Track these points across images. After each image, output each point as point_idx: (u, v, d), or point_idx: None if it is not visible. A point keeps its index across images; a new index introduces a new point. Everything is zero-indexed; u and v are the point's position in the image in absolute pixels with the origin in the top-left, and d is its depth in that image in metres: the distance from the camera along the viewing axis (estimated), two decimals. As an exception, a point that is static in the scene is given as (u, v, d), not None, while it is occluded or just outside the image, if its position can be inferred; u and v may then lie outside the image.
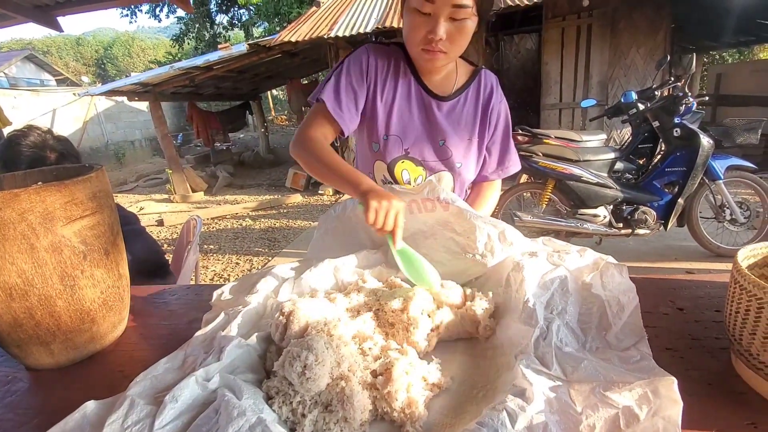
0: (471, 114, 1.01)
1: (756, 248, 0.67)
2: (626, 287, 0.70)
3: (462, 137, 1.01)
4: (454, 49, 0.86)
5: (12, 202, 0.64)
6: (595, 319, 0.66)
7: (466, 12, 0.80)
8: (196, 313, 0.88)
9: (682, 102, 2.77)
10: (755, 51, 10.69)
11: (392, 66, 0.97)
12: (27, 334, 0.71)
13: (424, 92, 0.98)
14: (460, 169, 1.02)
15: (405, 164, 1.01)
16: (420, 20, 0.82)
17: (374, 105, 0.97)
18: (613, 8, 5.21)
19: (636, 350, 0.59)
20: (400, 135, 0.98)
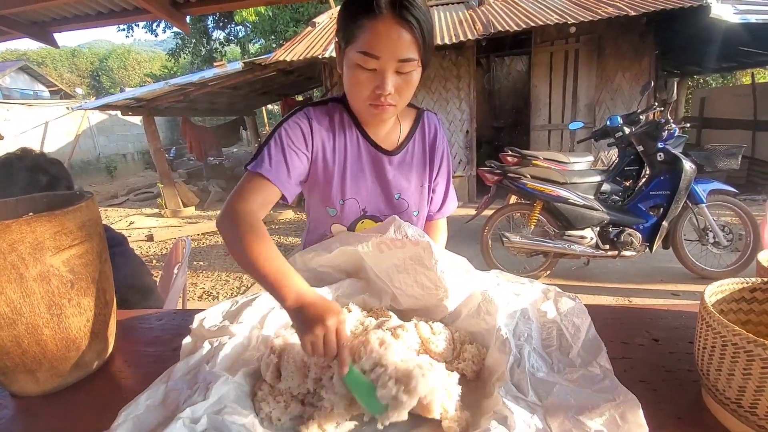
0: (420, 161, 1.00)
1: (723, 284, 0.70)
2: (579, 310, 0.75)
3: (416, 186, 1.00)
4: (402, 100, 0.83)
5: (3, 233, 0.65)
6: (556, 342, 0.71)
7: (412, 65, 0.78)
8: (181, 340, 0.88)
9: (665, 128, 2.87)
10: (737, 76, 11.06)
11: (336, 125, 0.92)
12: (13, 362, 0.71)
13: (372, 148, 0.95)
14: (418, 216, 1.03)
15: (365, 224, 1.00)
16: (365, 76, 0.78)
17: (325, 170, 0.92)
18: (599, 35, 5.40)
19: (597, 365, 0.64)
20: (356, 197, 0.96)
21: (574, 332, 0.71)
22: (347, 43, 0.79)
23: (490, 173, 3.15)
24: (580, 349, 0.68)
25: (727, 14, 4.20)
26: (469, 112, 6.09)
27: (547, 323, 0.75)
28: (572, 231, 3.03)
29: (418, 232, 0.85)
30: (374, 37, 0.74)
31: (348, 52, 0.79)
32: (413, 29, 0.74)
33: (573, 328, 0.72)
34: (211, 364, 0.68)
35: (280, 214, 6.23)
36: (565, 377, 0.63)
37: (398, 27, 0.74)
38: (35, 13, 2.47)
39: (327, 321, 0.61)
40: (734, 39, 5.02)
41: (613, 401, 0.55)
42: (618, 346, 0.79)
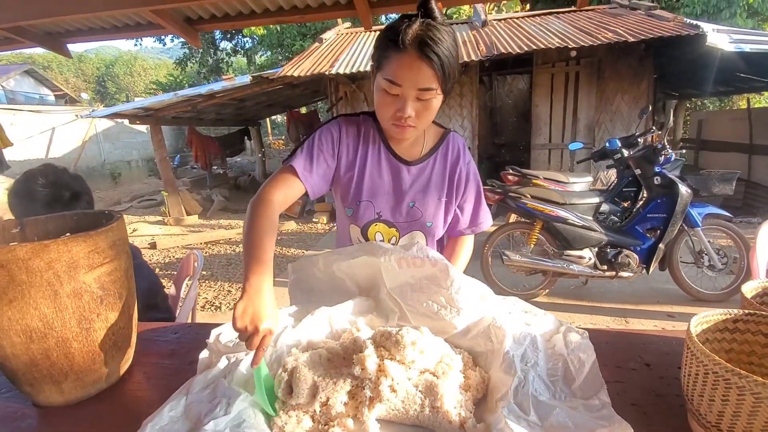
0: (440, 175, 1.07)
1: (708, 315, 0.75)
2: (585, 346, 0.79)
3: (432, 198, 1.06)
4: (421, 123, 0.92)
5: (42, 253, 0.70)
6: (561, 373, 0.76)
7: (431, 93, 0.87)
8: (197, 354, 0.93)
9: (662, 153, 2.94)
10: (734, 100, 11.23)
11: (362, 135, 1.04)
12: (41, 374, 0.75)
13: (393, 158, 1.04)
14: (431, 228, 1.08)
15: (378, 227, 1.07)
16: (389, 99, 0.89)
17: (346, 173, 1.04)
18: (599, 58, 5.53)
19: (597, 399, 0.69)
20: (371, 200, 1.04)
21: (579, 366, 0.75)
22: (378, 69, 0.90)
23: (491, 192, 3.22)
24: (582, 383, 0.73)
25: (722, 43, 4.32)
26: (471, 129, 6.20)
27: (554, 355, 0.79)
28: (571, 251, 3.08)
29: (438, 255, 0.90)
30: (398, 68, 0.84)
31: (378, 76, 0.90)
32: (433, 64, 0.83)
33: (578, 363, 0.76)
34: (228, 378, 0.73)
35: (282, 225, 6.28)
36: (565, 404, 0.68)
37: (419, 61, 0.83)
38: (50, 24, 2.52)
39: (250, 325, 0.70)
40: (730, 65, 5.15)
41: (608, 427, 0.60)
42: (612, 370, 0.83)
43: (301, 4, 2.36)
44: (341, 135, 1.03)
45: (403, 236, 1.09)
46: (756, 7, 9.14)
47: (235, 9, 2.43)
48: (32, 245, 0.69)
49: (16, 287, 0.69)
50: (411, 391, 0.70)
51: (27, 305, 0.70)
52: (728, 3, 8.91)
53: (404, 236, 1.09)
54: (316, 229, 6.24)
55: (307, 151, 0.99)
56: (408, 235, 1.08)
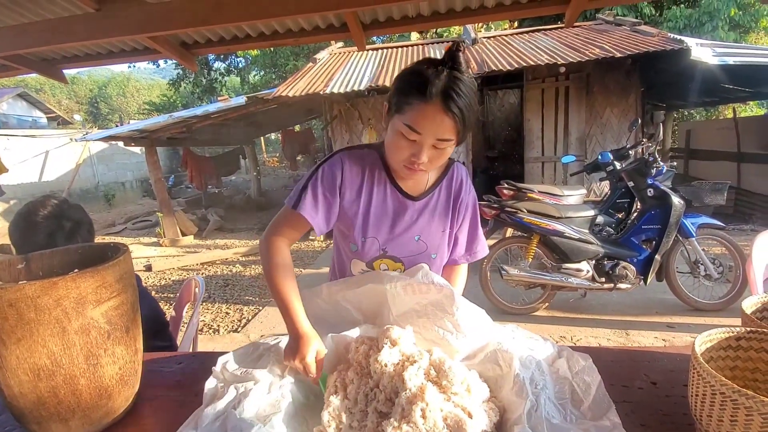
0: (444, 207, 1.08)
1: (712, 333, 0.77)
2: (589, 369, 0.81)
3: (436, 230, 1.07)
4: (432, 167, 0.94)
5: (50, 290, 0.70)
6: (568, 396, 0.77)
7: (449, 143, 0.88)
8: (202, 384, 0.92)
9: (653, 166, 3.00)
10: (720, 110, 11.49)
11: (367, 173, 1.03)
12: (49, 412, 0.74)
13: (399, 194, 1.04)
14: (435, 259, 1.09)
15: (384, 261, 1.07)
16: (405, 143, 0.88)
17: (350, 209, 1.03)
18: (588, 73, 5.66)
19: (608, 420, 0.70)
20: (377, 237, 1.04)
21: (585, 389, 0.77)
22: (396, 112, 0.89)
23: (488, 208, 3.24)
24: (591, 403, 0.74)
25: (706, 56, 4.45)
26: (465, 144, 6.27)
27: (559, 378, 0.80)
28: (569, 264, 3.10)
29: (443, 281, 0.91)
30: (421, 117, 0.84)
31: (395, 119, 0.89)
32: (455, 118, 0.83)
33: (584, 385, 0.78)
34: (239, 410, 0.72)
35: (278, 244, 6.25)
36: (578, 426, 0.69)
37: (443, 114, 0.83)
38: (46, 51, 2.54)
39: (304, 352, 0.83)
40: (714, 77, 5.29)
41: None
42: (619, 390, 0.84)
43: (295, 27, 2.40)
44: (344, 172, 1.01)
45: (408, 267, 1.08)
46: (737, 20, 9.43)
47: (230, 33, 2.47)
48: (41, 283, 0.69)
49: (25, 326, 0.69)
50: (439, 425, 0.68)
51: (35, 343, 0.70)
52: (710, 17, 9.19)
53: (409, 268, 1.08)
54: (313, 246, 6.23)
55: (311, 190, 0.99)
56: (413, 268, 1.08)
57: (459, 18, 2.35)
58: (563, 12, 2.21)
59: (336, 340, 0.88)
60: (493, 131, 9.58)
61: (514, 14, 2.36)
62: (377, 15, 2.29)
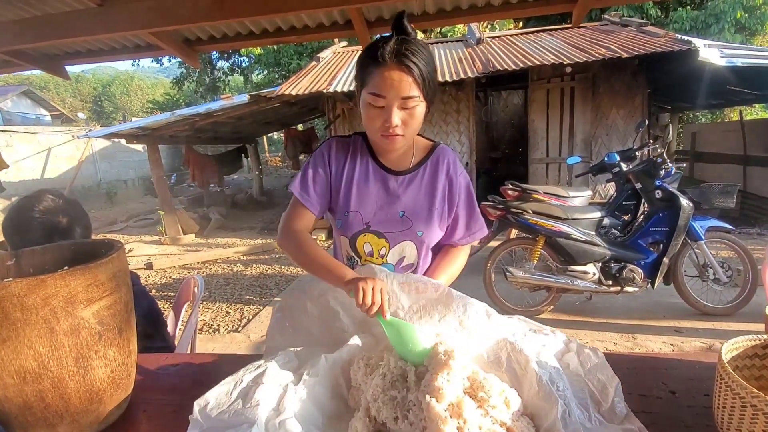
0: (430, 186, 1.08)
1: (738, 341, 0.73)
2: (602, 365, 0.76)
3: (422, 207, 1.07)
4: (409, 131, 0.96)
5: (38, 288, 0.66)
6: (587, 396, 0.72)
7: (415, 101, 0.91)
8: (200, 389, 0.88)
9: (662, 167, 2.95)
10: (726, 112, 11.41)
11: (351, 151, 1.09)
12: (35, 417, 0.71)
13: (381, 170, 1.08)
14: (422, 237, 1.07)
15: (367, 237, 1.07)
16: (375, 112, 0.93)
17: (336, 187, 1.08)
18: (594, 74, 5.62)
19: (630, 423, 0.67)
20: (359, 210, 1.06)
21: (601, 389, 0.73)
22: (362, 86, 0.95)
23: (492, 208, 3.20)
24: (610, 406, 0.70)
25: (714, 57, 4.39)
26: (468, 144, 6.23)
27: (571, 376, 0.76)
28: (574, 266, 3.05)
29: (436, 282, 0.89)
30: (380, 80, 0.90)
31: (362, 93, 0.95)
32: (412, 72, 0.89)
33: (600, 385, 0.73)
34: None
35: (279, 243, 6.22)
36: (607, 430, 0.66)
37: (399, 71, 0.89)
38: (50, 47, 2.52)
39: (376, 279, 0.85)
40: (721, 79, 5.24)
41: None
42: (637, 399, 0.80)
43: (299, 24, 2.37)
44: (330, 151, 1.09)
45: (393, 247, 1.08)
46: (743, 23, 9.36)
47: (233, 30, 2.44)
48: (27, 281, 0.66)
49: (10, 326, 0.65)
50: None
51: (21, 344, 0.66)
52: (716, 19, 9.13)
53: (394, 247, 1.08)
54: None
55: (303, 177, 1.07)
56: (398, 246, 1.08)
57: (464, 16, 2.31)
58: (570, 11, 2.17)
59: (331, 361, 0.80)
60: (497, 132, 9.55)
61: (520, 13, 2.33)
62: (382, 12, 2.25)
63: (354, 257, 1.10)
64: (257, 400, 0.68)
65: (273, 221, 8.00)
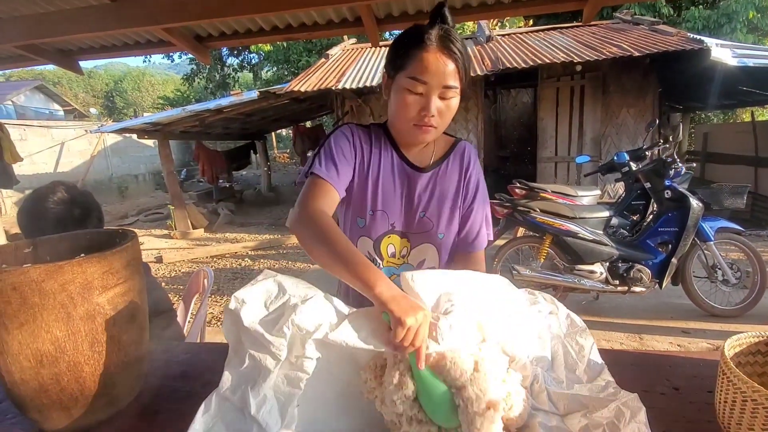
0: (451, 183, 1.03)
1: (741, 338, 0.73)
2: (580, 329, 0.81)
3: (442, 208, 1.02)
4: (442, 123, 0.92)
5: (55, 274, 0.68)
6: (562, 359, 0.78)
7: (454, 92, 0.89)
8: (210, 376, 0.91)
9: (672, 167, 2.92)
10: (738, 113, 11.23)
11: (374, 141, 1.02)
12: (50, 400, 0.73)
13: (405, 164, 1.02)
14: (443, 239, 1.03)
15: (391, 238, 1.02)
16: (412, 98, 0.88)
17: (360, 179, 1.00)
18: (604, 72, 5.56)
19: (602, 380, 0.74)
20: (386, 210, 1.00)
21: (578, 350, 0.78)
22: (397, 71, 0.90)
23: (499, 206, 3.20)
24: (586, 366, 0.77)
25: (726, 57, 4.33)
26: (476, 142, 6.21)
27: (552, 338, 0.80)
28: (582, 265, 3.04)
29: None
30: (423, 65, 0.85)
31: (398, 78, 0.90)
32: (456, 60, 0.86)
33: (577, 347, 0.78)
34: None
35: (288, 239, 6.27)
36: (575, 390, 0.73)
37: (445, 57, 0.85)
38: (62, 42, 2.56)
39: (419, 314, 0.65)
40: (734, 79, 5.16)
41: (618, 400, 0.66)
42: (640, 395, 0.80)
43: (309, 21, 2.39)
44: (354, 137, 1.00)
45: (414, 248, 1.04)
46: (756, 23, 9.21)
47: (244, 26, 2.46)
48: (46, 266, 0.68)
49: (28, 310, 0.67)
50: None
51: (39, 328, 0.68)
52: (728, 19, 8.99)
53: (415, 248, 1.04)
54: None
55: (326, 156, 0.95)
56: (419, 248, 1.04)
57: (475, 13, 2.31)
58: (581, 8, 2.15)
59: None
60: (506, 130, 9.50)
61: (531, 10, 2.31)
62: (391, 9, 2.26)
63: (376, 258, 1.04)
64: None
65: (281, 217, 8.05)
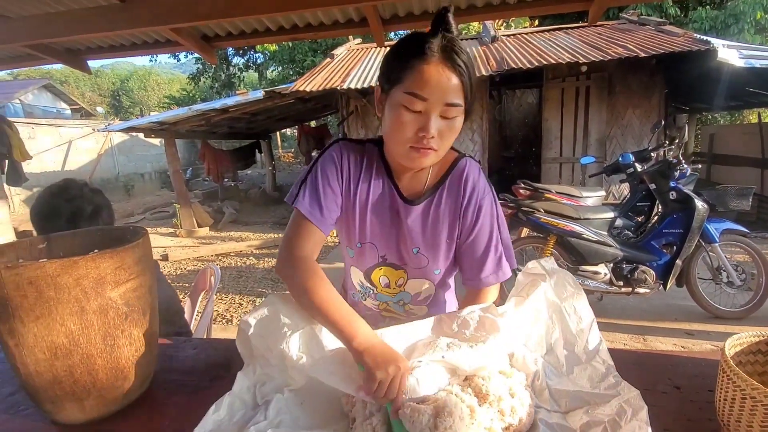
0: (448, 213, 0.90)
1: (741, 337, 0.74)
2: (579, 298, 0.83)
3: (437, 242, 0.91)
4: (443, 146, 0.80)
5: (70, 269, 0.70)
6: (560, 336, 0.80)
7: (458, 110, 0.77)
8: (217, 371, 0.93)
9: (677, 168, 2.91)
10: (745, 114, 11.14)
11: (365, 165, 0.91)
12: (64, 391, 0.75)
13: (396, 196, 0.91)
14: (439, 275, 0.95)
15: (383, 270, 0.96)
16: (409, 117, 0.76)
17: (348, 208, 0.91)
18: (610, 73, 5.54)
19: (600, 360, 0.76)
20: (374, 242, 0.93)
21: (577, 321, 0.80)
22: (393, 84, 0.78)
23: (503, 206, 3.20)
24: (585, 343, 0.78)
25: (733, 58, 4.31)
26: (481, 143, 6.21)
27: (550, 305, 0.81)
28: (586, 266, 3.04)
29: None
30: (423, 79, 0.74)
31: (393, 93, 0.78)
32: (461, 75, 0.75)
33: (576, 317, 0.80)
34: None
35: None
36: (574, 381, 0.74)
37: (448, 71, 0.74)
38: (71, 42, 2.59)
39: (390, 367, 0.65)
40: (741, 80, 5.12)
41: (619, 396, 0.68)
42: (641, 393, 0.81)
43: (314, 21, 2.40)
44: (342, 160, 0.90)
45: (411, 279, 0.97)
46: (763, 24, 9.12)
47: (250, 26, 2.49)
48: (61, 261, 0.70)
49: (44, 304, 0.69)
50: None
51: (53, 322, 0.70)
52: (736, 19, 8.91)
53: (411, 280, 0.97)
54: (326, 241, 6.23)
55: (312, 188, 0.87)
56: (415, 281, 0.97)
57: (480, 14, 2.31)
58: (587, 9, 2.15)
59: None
60: (510, 131, 9.48)
61: (536, 10, 2.31)
62: (397, 10, 2.27)
63: (369, 287, 1.00)
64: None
65: (285, 216, 8.09)
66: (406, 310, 1.03)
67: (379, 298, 1.02)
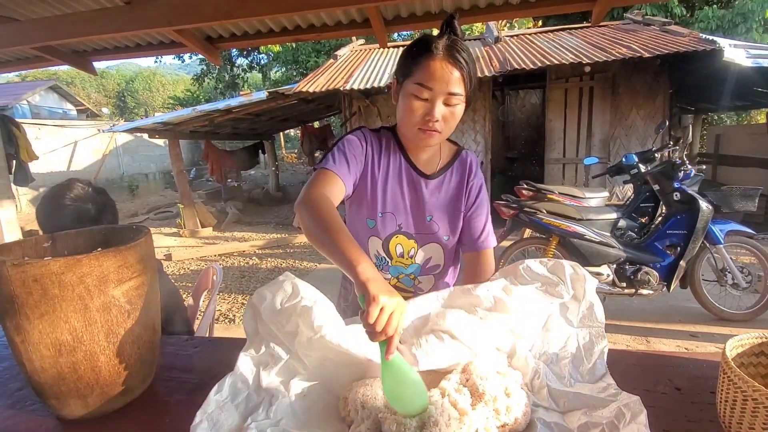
0: (456, 189, 1.09)
1: (743, 338, 0.73)
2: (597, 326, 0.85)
3: (448, 212, 1.08)
4: (446, 128, 0.96)
5: (74, 267, 0.71)
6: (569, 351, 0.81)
7: (458, 98, 0.92)
8: (219, 368, 0.93)
9: (681, 169, 2.90)
10: (752, 114, 11.05)
11: (384, 145, 1.07)
12: (68, 387, 0.76)
13: (412, 170, 1.07)
14: (448, 242, 1.10)
15: (399, 239, 1.08)
16: (418, 104, 0.92)
17: (370, 182, 1.05)
18: (613, 74, 5.52)
19: (604, 382, 0.76)
20: (393, 212, 1.06)
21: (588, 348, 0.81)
22: (405, 77, 0.94)
23: (506, 207, 3.19)
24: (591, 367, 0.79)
25: (739, 58, 4.28)
26: (484, 144, 6.20)
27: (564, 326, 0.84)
28: (589, 267, 3.02)
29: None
30: (430, 71, 0.90)
31: (405, 84, 0.94)
32: (462, 69, 0.90)
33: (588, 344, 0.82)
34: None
35: (295, 238, 6.32)
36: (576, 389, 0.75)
37: (451, 66, 0.90)
38: (77, 43, 2.61)
39: (393, 299, 0.65)
40: (747, 80, 5.09)
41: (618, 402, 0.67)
42: (641, 394, 0.80)
43: (318, 22, 2.42)
44: (366, 140, 1.06)
45: (421, 247, 1.10)
46: (772, 23, 9.06)
47: (254, 28, 2.50)
48: (65, 260, 0.71)
49: (49, 301, 0.70)
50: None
51: (58, 319, 0.72)
52: (744, 18, 8.85)
53: (422, 247, 1.10)
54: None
55: (339, 153, 0.99)
56: (426, 247, 1.10)
57: (483, 15, 2.32)
58: (590, 9, 2.15)
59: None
60: (513, 132, 9.45)
61: (539, 11, 2.32)
62: (399, 11, 2.28)
63: (385, 257, 1.10)
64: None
65: (288, 216, 8.11)
66: (416, 284, 1.15)
67: (392, 272, 1.12)
